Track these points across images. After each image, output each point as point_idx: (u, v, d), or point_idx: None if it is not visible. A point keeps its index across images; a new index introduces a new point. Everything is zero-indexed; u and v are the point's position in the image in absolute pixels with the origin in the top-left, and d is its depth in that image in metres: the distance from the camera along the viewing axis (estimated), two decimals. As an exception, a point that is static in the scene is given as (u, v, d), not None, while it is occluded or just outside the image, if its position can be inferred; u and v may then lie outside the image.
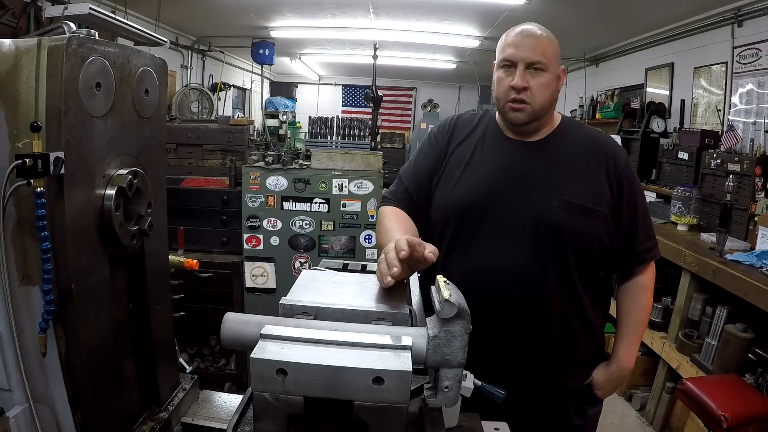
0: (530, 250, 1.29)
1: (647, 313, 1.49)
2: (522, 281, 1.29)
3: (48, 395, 1.05)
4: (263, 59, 6.82)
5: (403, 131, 10.88)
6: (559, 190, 1.30)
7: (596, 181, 1.33)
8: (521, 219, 1.30)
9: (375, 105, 4.35)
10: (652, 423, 3.24)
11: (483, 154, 1.39)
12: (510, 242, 1.30)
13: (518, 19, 4.97)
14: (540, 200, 1.30)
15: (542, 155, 1.36)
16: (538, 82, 1.28)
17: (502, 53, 1.32)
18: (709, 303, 2.98)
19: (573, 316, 1.33)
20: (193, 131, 3.41)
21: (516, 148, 1.37)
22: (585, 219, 1.29)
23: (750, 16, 3.74)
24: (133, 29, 3.52)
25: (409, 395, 0.73)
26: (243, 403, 0.88)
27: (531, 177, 1.33)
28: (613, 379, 1.44)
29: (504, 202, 1.31)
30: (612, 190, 1.34)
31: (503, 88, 1.31)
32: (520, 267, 1.29)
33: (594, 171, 1.34)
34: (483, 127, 1.44)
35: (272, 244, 3.13)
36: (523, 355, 1.33)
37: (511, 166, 1.35)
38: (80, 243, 1.02)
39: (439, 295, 0.83)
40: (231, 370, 3.33)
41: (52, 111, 0.95)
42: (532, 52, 1.27)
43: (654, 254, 1.43)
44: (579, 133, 1.43)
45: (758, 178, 3.08)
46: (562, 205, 1.28)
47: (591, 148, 1.37)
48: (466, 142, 1.42)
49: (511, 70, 1.30)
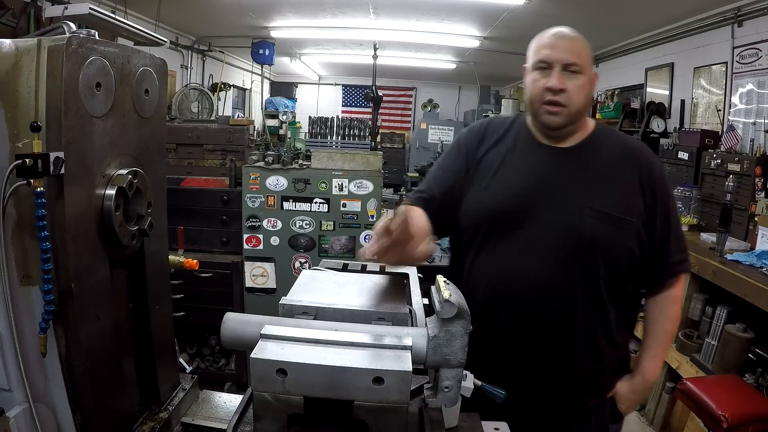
0: (559, 259, 1.26)
1: (675, 325, 1.46)
2: (548, 290, 1.26)
3: (48, 395, 1.05)
4: (263, 59, 6.82)
5: (403, 131, 10.88)
6: (592, 199, 1.27)
7: (630, 191, 1.30)
8: (552, 227, 1.27)
9: (375, 105, 4.36)
10: (652, 423, 3.24)
11: (515, 159, 1.35)
12: (539, 250, 1.27)
13: (518, 19, 4.97)
14: (572, 209, 1.26)
15: (575, 162, 1.32)
16: (575, 84, 1.25)
17: (537, 55, 1.28)
18: (709, 303, 2.98)
19: (598, 328, 1.30)
20: (193, 131, 3.41)
21: (549, 155, 1.34)
22: (617, 230, 1.26)
23: (750, 16, 3.74)
24: (133, 29, 3.52)
25: (409, 395, 0.73)
26: (243, 403, 0.88)
27: (563, 185, 1.29)
28: (637, 391, 1.41)
29: (535, 209, 1.28)
30: (645, 200, 1.30)
31: (538, 90, 1.27)
32: (547, 276, 1.26)
33: (628, 180, 1.31)
34: (515, 131, 1.40)
35: (272, 244, 3.13)
36: (544, 365, 1.30)
37: (544, 173, 1.31)
38: (80, 243, 1.02)
39: (439, 295, 0.83)
40: (231, 370, 3.33)
41: (52, 111, 0.95)
42: (569, 53, 1.25)
43: (685, 267, 1.40)
44: (613, 139, 1.39)
45: (758, 178, 3.08)
46: (595, 214, 1.25)
47: (625, 156, 1.34)
48: (498, 147, 1.38)
49: (547, 72, 1.26)
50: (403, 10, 5.21)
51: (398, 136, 10.37)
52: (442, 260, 3.22)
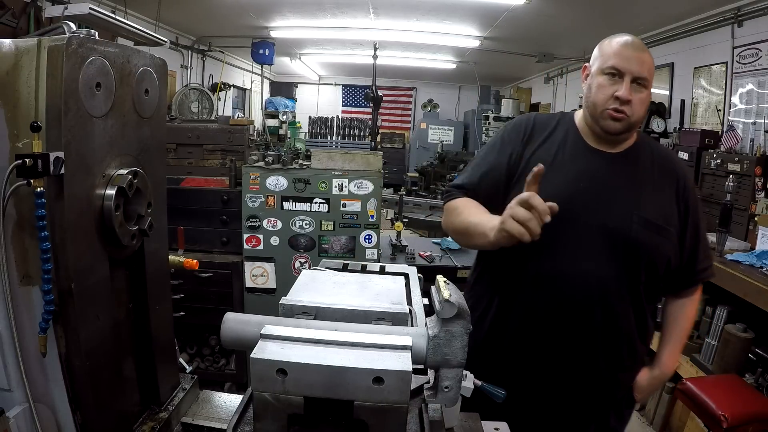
0: (607, 261, 1.31)
1: (692, 323, 1.55)
2: (596, 290, 1.30)
3: (48, 395, 1.05)
4: (263, 59, 6.83)
5: (403, 131, 10.90)
6: (638, 206, 1.32)
7: (668, 201, 1.37)
8: (602, 230, 1.31)
9: (375, 105, 4.36)
10: (652, 423, 3.24)
11: (565, 159, 1.38)
12: (588, 251, 1.31)
13: (518, 19, 4.97)
14: (620, 214, 1.31)
15: (623, 169, 1.37)
16: (639, 98, 1.30)
17: (609, 60, 1.31)
18: (709, 303, 2.98)
19: (635, 330, 1.36)
20: (193, 131, 3.41)
21: (598, 158, 1.38)
22: (659, 238, 1.32)
23: (750, 16, 3.74)
24: (133, 29, 3.52)
25: (409, 395, 0.73)
26: (243, 403, 0.88)
27: (612, 190, 1.34)
28: (655, 383, 1.48)
29: (586, 211, 1.32)
30: (680, 212, 1.37)
31: (605, 96, 1.31)
32: (596, 277, 1.30)
33: (667, 191, 1.37)
34: (563, 130, 1.43)
35: (272, 244, 3.13)
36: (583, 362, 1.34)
37: (594, 176, 1.35)
38: (80, 243, 1.02)
39: (439, 295, 0.83)
40: (231, 370, 3.33)
41: (52, 111, 0.95)
42: (641, 67, 1.29)
43: (710, 273, 1.47)
44: (654, 150, 1.45)
45: (758, 178, 3.08)
46: (641, 222, 1.31)
47: (665, 167, 1.41)
48: (546, 145, 1.41)
49: (616, 79, 1.30)
50: (403, 10, 5.21)
51: (398, 136, 10.39)
52: (442, 260, 3.22)
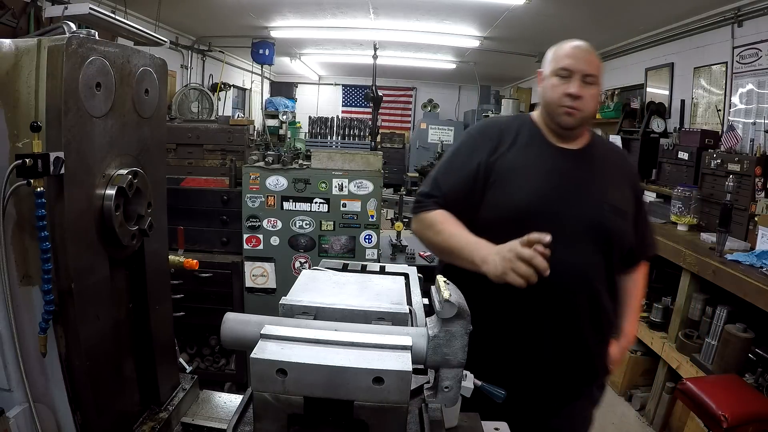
0: (591, 251, 1.43)
1: (644, 293, 1.78)
2: (584, 279, 1.43)
3: (48, 395, 1.05)
4: (263, 59, 6.82)
5: (403, 131, 10.89)
6: (606, 196, 1.47)
7: (625, 189, 1.54)
8: (580, 221, 1.43)
9: (375, 105, 4.36)
10: (652, 423, 3.24)
11: (535, 158, 1.49)
12: (571, 243, 1.40)
13: (518, 19, 4.97)
14: (593, 205, 1.45)
15: (587, 163, 1.51)
16: (590, 93, 1.44)
17: (560, 62, 1.44)
18: (709, 303, 2.98)
19: (610, 307, 1.51)
20: (193, 131, 3.41)
21: (563, 156, 1.50)
22: (624, 222, 1.48)
23: (750, 16, 3.74)
24: (133, 29, 3.52)
25: (409, 395, 0.73)
26: (243, 403, 0.88)
27: (582, 183, 1.47)
28: (623, 351, 1.65)
29: (564, 205, 1.43)
30: (634, 197, 1.56)
31: (558, 95, 1.44)
32: (583, 268, 1.42)
33: (623, 179, 1.55)
34: (527, 132, 1.53)
35: (272, 244, 3.13)
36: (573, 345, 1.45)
37: (563, 173, 1.48)
38: (80, 243, 1.02)
39: (439, 295, 0.83)
40: (231, 370, 3.33)
41: (52, 111, 0.95)
42: (589, 65, 1.43)
43: (656, 248, 1.74)
44: (605, 145, 1.68)
45: (758, 178, 3.08)
46: (611, 209, 1.46)
47: (618, 159, 1.63)
48: (515, 147, 1.50)
49: (567, 80, 1.43)
50: (403, 10, 5.21)
51: (398, 136, 10.38)
52: (442, 260, 3.22)
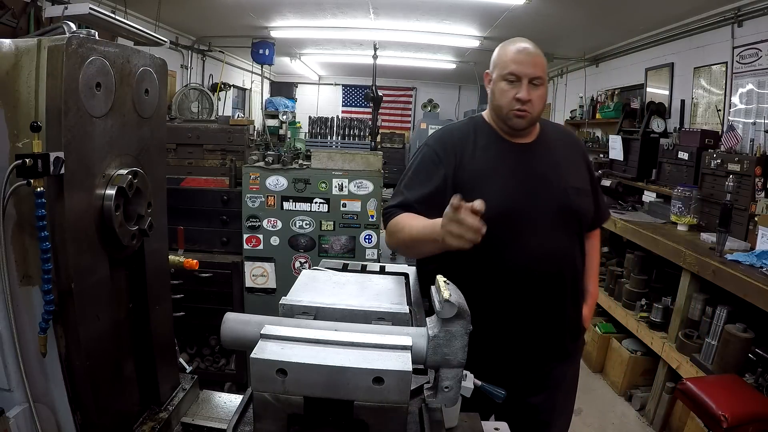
0: (564, 233, 1.54)
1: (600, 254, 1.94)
2: (566, 258, 1.54)
3: (48, 395, 1.05)
4: (263, 59, 6.82)
5: (403, 131, 10.88)
6: (567, 179, 1.56)
7: (580, 167, 1.66)
8: (551, 209, 1.52)
9: (375, 105, 4.35)
10: (652, 423, 3.24)
11: (497, 160, 1.55)
12: (548, 231, 1.51)
13: (518, 19, 4.97)
14: (558, 191, 1.54)
15: (543, 153, 1.59)
16: (537, 95, 1.50)
17: (507, 68, 1.49)
18: (709, 303, 2.97)
19: (581, 280, 1.64)
20: (193, 131, 3.41)
21: (523, 150, 1.58)
22: (585, 198, 1.61)
23: (750, 16, 3.74)
24: (133, 29, 3.51)
25: (409, 395, 0.73)
26: (243, 403, 0.88)
27: (544, 173, 1.55)
28: (592, 309, 1.76)
29: (533, 199, 1.52)
30: (588, 172, 1.69)
31: (508, 99, 1.50)
32: (564, 248, 1.54)
33: (577, 158, 1.67)
34: (483, 134, 1.60)
35: (272, 244, 3.13)
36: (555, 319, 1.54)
37: (526, 168, 1.55)
38: (80, 243, 1.02)
39: (439, 295, 0.83)
40: (231, 370, 3.33)
41: (52, 111, 0.95)
42: (535, 68, 1.48)
43: (609, 213, 1.88)
44: (553, 129, 1.74)
45: (758, 178, 3.08)
46: (574, 191, 1.56)
47: (568, 140, 1.75)
48: (477, 152, 1.56)
49: (515, 84, 1.48)
50: (403, 10, 5.21)
51: (398, 136, 10.37)
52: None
